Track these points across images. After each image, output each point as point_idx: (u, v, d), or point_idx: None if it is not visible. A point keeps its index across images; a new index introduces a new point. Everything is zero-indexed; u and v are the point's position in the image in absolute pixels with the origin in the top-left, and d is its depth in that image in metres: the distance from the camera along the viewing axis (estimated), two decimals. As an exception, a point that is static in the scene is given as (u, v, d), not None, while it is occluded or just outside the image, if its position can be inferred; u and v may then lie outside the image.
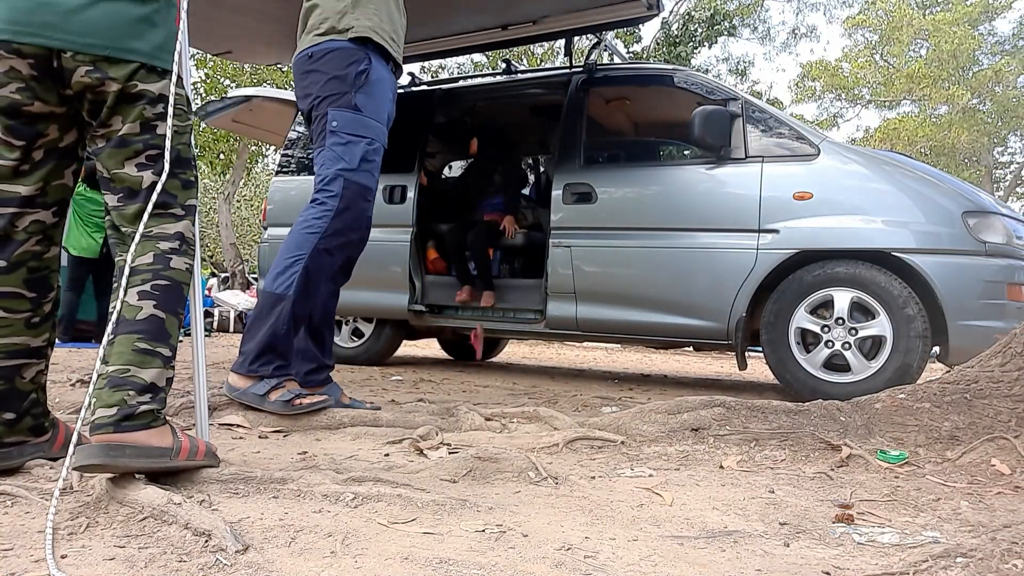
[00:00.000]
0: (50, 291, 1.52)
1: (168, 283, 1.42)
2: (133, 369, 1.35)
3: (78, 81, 1.38)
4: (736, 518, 1.36)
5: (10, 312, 1.45)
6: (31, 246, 1.47)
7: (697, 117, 3.42)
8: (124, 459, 1.28)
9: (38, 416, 1.52)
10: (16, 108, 1.39)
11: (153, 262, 1.42)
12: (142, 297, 1.39)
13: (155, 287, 1.40)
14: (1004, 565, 1.01)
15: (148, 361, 1.36)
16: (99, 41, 1.37)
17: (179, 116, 1.50)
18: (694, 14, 14.29)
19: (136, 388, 1.34)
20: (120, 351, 1.36)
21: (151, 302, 1.39)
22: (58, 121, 1.45)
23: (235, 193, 16.73)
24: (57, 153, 1.47)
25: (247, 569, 1.00)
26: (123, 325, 1.38)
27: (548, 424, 2.23)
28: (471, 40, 4.52)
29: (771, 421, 2.01)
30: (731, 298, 3.44)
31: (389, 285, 4.36)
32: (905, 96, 19.98)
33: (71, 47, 1.35)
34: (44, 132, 1.44)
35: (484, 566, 1.04)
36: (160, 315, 1.40)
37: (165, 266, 1.43)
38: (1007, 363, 2.03)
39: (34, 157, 1.44)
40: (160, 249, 1.44)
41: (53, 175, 1.48)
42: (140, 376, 1.35)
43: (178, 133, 1.50)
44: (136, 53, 1.40)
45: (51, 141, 1.46)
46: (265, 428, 2.14)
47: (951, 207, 3.16)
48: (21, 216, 1.44)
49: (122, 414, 1.31)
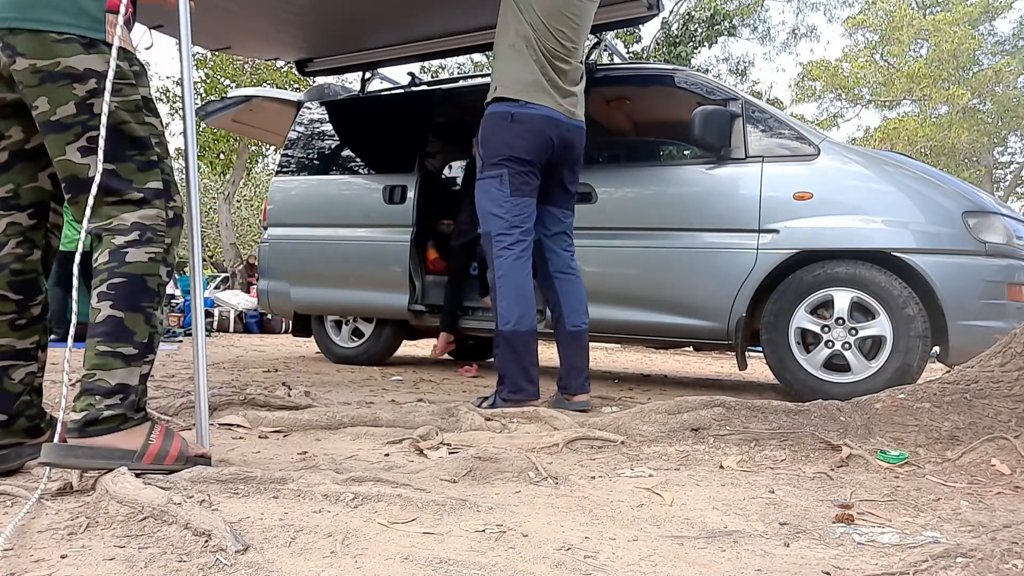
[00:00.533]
0: (37, 294, 1.51)
1: (123, 279, 1.37)
2: (99, 373, 1.35)
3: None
4: (736, 518, 1.36)
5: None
6: (12, 248, 1.46)
7: (697, 117, 3.42)
8: (75, 459, 1.31)
9: (33, 418, 1.52)
10: None
11: (109, 260, 1.38)
12: (100, 299, 1.37)
13: (111, 286, 1.37)
14: (1004, 565, 1.01)
15: (110, 363, 1.36)
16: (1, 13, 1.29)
17: (119, 91, 1.38)
18: (694, 14, 14.28)
19: (102, 392, 1.35)
20: (88, 355, 1.37)
21: (107, 303, 1.37)
22: (20, 121, 1.41)
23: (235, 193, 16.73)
24: (24, 155, 1.44)
25: (247, 569, 1.00)
26: (89, 328, 1.39)
27: (548, 424, 2.23)
28: (471, 40, 4.52)
29: (771, 421, 2.01)
30: (731, 298, 3.44)
31: (389, 285, 4.36)
32: (905, 96, 19.98)
33: None
34: (6, 133, 1.42)
35: (484, 566, 1.04)
36: (117, 315, 1.36)
37: (120, 262, 1.37)
38: (1007, 363, 2.03)
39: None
40: (115, 244, 1.38)
41: (22, 177, 1.45)
42: (105, 380, 1.35)
43: (121, 110, 1.39)
44: (39, 22, 1.29)
45: (15, 143, 1.43)
46: (265, 428, 2.14)
47: (951, 207, 3.16)
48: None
49: (87, 419, 1.33)
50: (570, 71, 2.64)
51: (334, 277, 4.58)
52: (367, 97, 5.02)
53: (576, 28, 2.63)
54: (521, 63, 2.55)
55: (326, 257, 4.60)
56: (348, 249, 4.54)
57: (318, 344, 5.08)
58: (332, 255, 4.59)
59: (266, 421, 2.19)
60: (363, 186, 4.62)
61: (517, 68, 2.55)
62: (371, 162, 4.72)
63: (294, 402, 2.48)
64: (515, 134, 2.54)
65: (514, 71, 2.55)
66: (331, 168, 4.85)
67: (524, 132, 2.53)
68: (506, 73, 2.58)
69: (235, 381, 3.32)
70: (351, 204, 4.60)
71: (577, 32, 2.64)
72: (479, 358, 6.02)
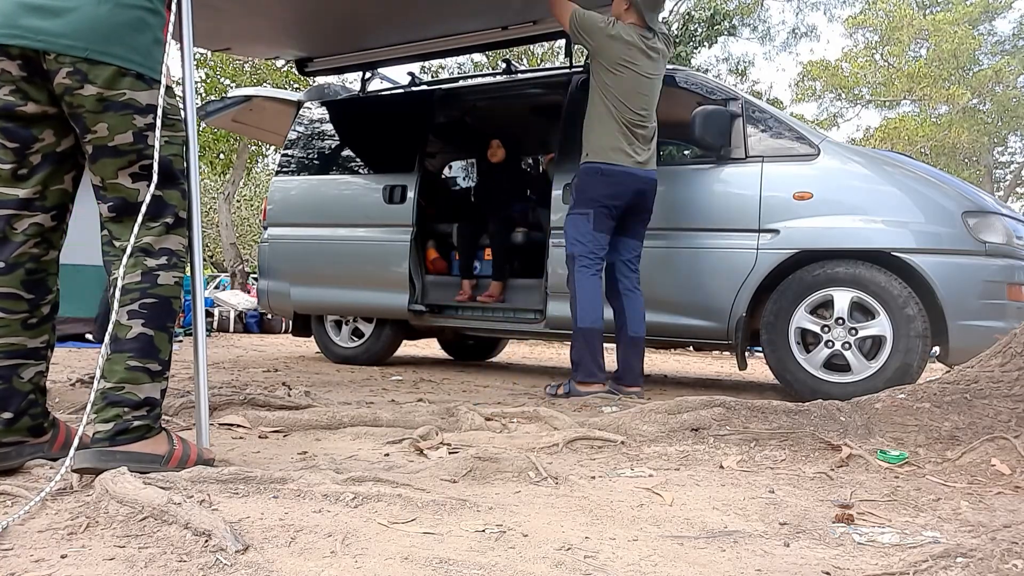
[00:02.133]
0: (48, 293, 1.54)
1: (155, 300, 1.47)
2: (128, 387, 1.43)
3: (59, 83, 1.39)
4: (736, 518, 1.36)
5: (7, 312, 1.47)
6: (29, 248, 1.49)
7: (697, 117, 3.42)
8: (115, 463, 1.37)
9: (37, 417, 1.53)
10: (10, 110, 1.41)
11: (141, 280, 1.47)
12: (131, 316, 1.46)
13: (143, 306, 1.46)
14: (1004, 565, 1.01)
15: (139, 378, 1.44)
16: (79, 43, 1.38)
17: (171, 126, 1.52)
18: (694, 14, 14.29)
19: (131, 404, 1.43)
20: (115, 369, 1.44)
21: (140, 320, 1.46)
22: (52, 125, 1.46)
23: (235, 193, 16.73)
24: (54, 158, 1.49)
25: (247, 569, 1.00)
26: (116, 344, 1.45)
27: (548, 424, 2.23)
28: (471, 40, 4.52)
29: (771, 421, 2.01)
30: (731, 298, 3.44)
31: (389, 285, 4.36)
32: (905, 96, 19.98)
33: (52, 48, 1.37)
34: (39, 136, 1.46)
35: (484, 566, 1.04)
36: (149, 332, 1.46)
37: (152, 283, 1.47)
38: (1007, 363, 2.03)
39: (31, 161, 1.46)
40: (148, 267, 1.48)
41: (51, 179, 1.50)
42: (135, 393, 1.44)
43: (170, 143, 1.52)
44: (117, 57, 1.41)
45: (47, 146, 1.47)
46: (265, 428, 2.14)
47: (951, 207, 3.16)
48: (19, 218, 1.47)
49: (117, 428, 1.41)
50: (645, 133, 3.25)
51: (334, 277, 4.58)
52: (367, 97, 5.02)
53: (647, 98, 3.25)
54: (606, 131, 3.20)
55: (326, 257, 4.60)
56: (348, 249, 4.54)
57: (318, 344, 5.08)
58: (332, 255, 4.59)
59: (266, 421, 2.19)
60: (363, 186, 4.62)
61: (604, 135, 3.21)
62: (371, 162, 4.72)
63: (294, 402, 2.48)
64: (603, 184, 3.20)
65: (601, 138, 3.21)
66: (331, 168, 4.84)
67: (609, 184, 3.20)
68: (594, 140, 3.24)
69: (235, 381, 3.32)
70: (351, 204, 4.60)
71: (649, 102, 3.26)
72: (478, 358, 6.03)
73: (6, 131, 1.43)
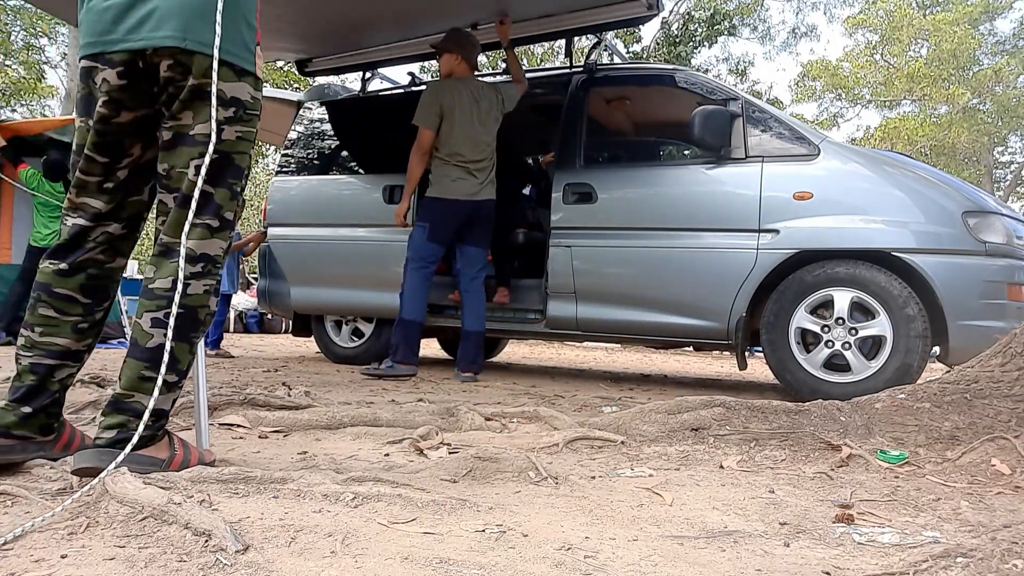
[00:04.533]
0: (105, 300, 1.54)
1: (182, 311, 1.40)
2: (137, 395, 1.40)
3: (163, 76, 1.39)
4: (736, 518, 1.36)
5: (60, 313, 1.47)
6: (96, 254, 1.50)
7: (697, 117, 3.42)
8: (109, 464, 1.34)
9: (52, 416, 1.53)
10: (105, 121, 1.41)
11: (171, 288, 1.41)
12: (154, 325, 1.40)
13: (168, 315, 1.40)
14: (1004, 565, 1.01)
15: (151, 388, 1.40)
16: (173, 33, 1.37)
17: (247, 122, 1.47)
18: (694, 14, 14.29)
19: (138, 414, 1.39)
20: (128, 375, 1.40)
21: (162, 331, 1.40)
22: (142, 137, 1.46)
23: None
24: (139, 170, 1.50)
25: (247, 569, 1.00)
26: (133, 349, 1.42)
27: (548, 424, 2.23)
28: (471, 40, 4.51)
29: (771, 421, 2.01)
30: (731, 298, 3.44)
31: (389, 285, 4.36)
32: (905, 96, 19.98)
33: (152, 44, 1.36)
34: (129, 151, 1.46)
35: (484, 566, 1.04)
36: (169, 344, 1.40)
37: (183, 292, 1.41)
38: (1007, 363, 2.03)
39: (119, 176, 1.47)
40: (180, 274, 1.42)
41: (132, 192, 1.51)
42: (143, 403, 1.39)
43: (241, 139, 1.47)
44: (225, 52, 1.40)
45: (135, 160, 1.48)
46: (265, 428, 2.14)
47: (951, 207, 3.16)
48: (93, 228, 1.48)
49: (121, 436, 1.38)
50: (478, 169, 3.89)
51: (334, 277, 4.58)
52: (367, 97, 5.02)
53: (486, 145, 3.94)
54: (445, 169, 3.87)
55: (326, 257, 4.60)
56: (348, 249, 4.54)
57: (318, 344, 5.08)
58: (332, 255, 4.59)
59: (266, 421, 2.19)
60: (363, 186, 4.62)
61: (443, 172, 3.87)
62: (371, 162, 4.72)
63: (294, 402, 2.48)
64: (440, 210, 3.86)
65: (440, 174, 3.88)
66: (331, 168, 4.84)
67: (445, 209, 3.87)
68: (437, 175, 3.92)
69: (235, 381, 3.32)
70: (351, 204, 4.60)
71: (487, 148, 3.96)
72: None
73: (99, 145, 1.43)
